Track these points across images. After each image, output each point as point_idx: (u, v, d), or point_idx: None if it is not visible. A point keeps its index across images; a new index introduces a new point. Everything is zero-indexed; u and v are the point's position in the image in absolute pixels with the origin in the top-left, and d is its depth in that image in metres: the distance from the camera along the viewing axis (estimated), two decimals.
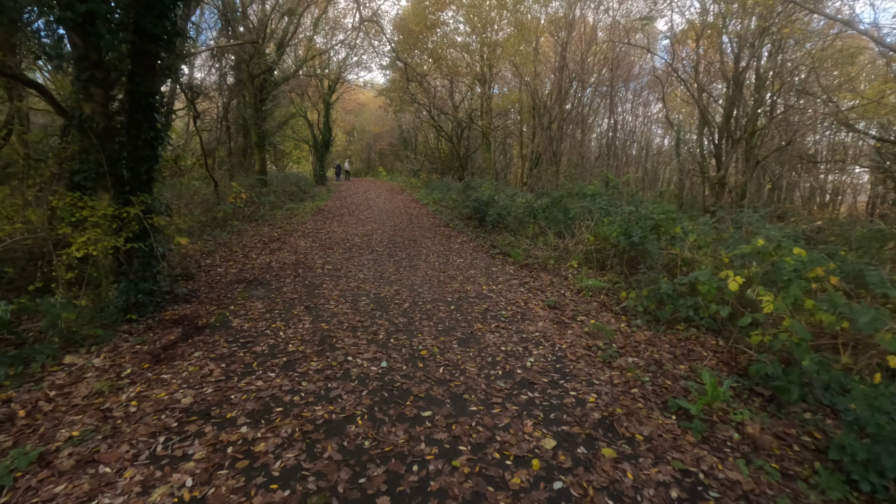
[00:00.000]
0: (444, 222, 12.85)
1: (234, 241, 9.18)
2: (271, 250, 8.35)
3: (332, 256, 8.02)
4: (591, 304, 5.80)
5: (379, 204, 17.66)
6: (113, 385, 3.44)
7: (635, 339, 4.73)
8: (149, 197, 4.91)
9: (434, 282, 6.59)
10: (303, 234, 10.09)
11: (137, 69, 4.76)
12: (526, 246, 9.37)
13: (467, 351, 4.25)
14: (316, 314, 5.10)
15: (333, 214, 14.00)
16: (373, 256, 8.12)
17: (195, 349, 4.12)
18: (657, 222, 6.90)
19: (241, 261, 7.54)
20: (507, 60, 23.35)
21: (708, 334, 4.94)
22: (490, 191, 15.47)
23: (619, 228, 7.39)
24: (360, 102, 41.54)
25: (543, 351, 4.31)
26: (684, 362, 4.24)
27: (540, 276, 7.19)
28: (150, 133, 4.87)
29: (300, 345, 4.27)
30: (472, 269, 7.48)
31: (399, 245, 9.25)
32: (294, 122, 28.87)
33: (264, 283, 6.30)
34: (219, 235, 9.61)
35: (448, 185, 22.21)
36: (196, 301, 5.52)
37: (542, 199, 11.31)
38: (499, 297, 5.97)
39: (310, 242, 9.17)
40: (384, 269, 7.19)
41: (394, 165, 43.81)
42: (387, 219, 13.26)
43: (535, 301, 5.85)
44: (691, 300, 5.06)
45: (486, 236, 10.52)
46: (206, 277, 6.57)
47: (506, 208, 11.51)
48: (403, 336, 4.54)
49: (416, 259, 8.02)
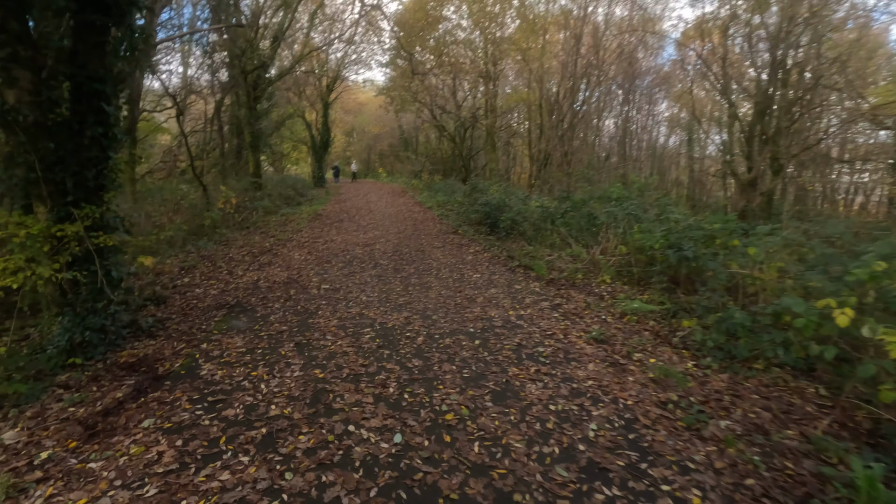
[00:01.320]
0: (452, 228, 11.83)
1: (220, 253, 8.16)
2: (260, 265, 7.33)
3: (329, 272, 6.99)
4: (642, 335, 4.78)
5: (380, 208, 16.65)
6: (15, 484, 2.41)
7: (713, 387, 3.71)
8: (97, 209, 3.88)
9: (450, 305, 5.56)
10: (297, 245, 9.07)
11: (80, 47, 3.74)
12: (548, 257, 8.36)
13: (506, 412, 3.23)
14: (309, 355, 4.07)
15: (332, 220, 12.98)
16: (377, 272, 7.09)
17: (146, 414, 3.10)
18: (711, 233, 5.88)
19: (224, 279, 6.51)
20: (513, 56, 22.37)
21: (798, 375, 3.93)
22: (499, 194, 14.45)
23: (662, 239, 6.38)
24: (360, 102, 40.58)
25: (606, 411, 3.29)
26: (790, 424, 3.22)
27: (571, 296, 6.17)
28: (98, 129, 3.85)
29: (286, 405, 3.24)
30: (492, 286, 6.45)
31: (406, 257, 8.22)
32: (292, 123, 27.87)
33: (248, 308, 5.28)
34: (204, 246, 8.59)
35: (452, 187, 21.20)
36: (163, 335, 4.50)
37: (562, 203, 10.28)
38: (531, 325, 4.95)
39: (305, 255, 8.15)
40: (390, 289, 6.17)
41: (394, 167, 42.81)
42: (390, 225, 12.24)
43: (575, 331, 4.82)
44: (778, 335, 4.03)
45: (500, 245, 9.50)
46: (180, 301, 5.54)
47: (521, 213, 10.50)
48: (420, 389, 3.52)
49: (426, 274, 7.00)
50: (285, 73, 18.41)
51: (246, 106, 15.75)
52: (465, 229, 11.48)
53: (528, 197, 14.30)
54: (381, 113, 38.16)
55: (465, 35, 22.90)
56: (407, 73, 25.24)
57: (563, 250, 8.99)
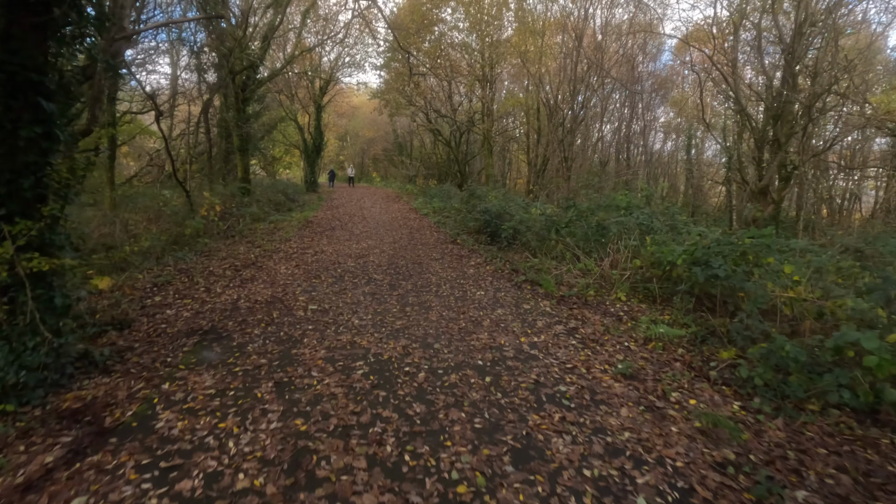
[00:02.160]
0: (451, 237, 11.22)
1: (200, 266, 7.48)
2: (242, 280, 6.66)
3: (318, 289, 6.34)
4: (674, 368, 4.19)
5: (374, 214, 16.01)
6: None
7: (771, 439, 3.12)
8: (34, 225, 3.23)
9: (454, 330, 4.93)
10: (285, 256, 8.40)
11: (13, 29, 3.10)
12: (555, 271, 7.77)
13: (531, 480, 2.61)
14: (290, 398, 3.42)
15: (323, 228, 12.32)
16: (370, 288, 6.45)
17: (78, 489, 2.44)
18: (743, 249, 5.32)
19: (201, 297, 5.84)
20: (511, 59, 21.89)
21: (862, 420, 3.36)
22: (499, 200, 13.90)
23: (685, 255, 5.82)
24: (354, 105, 39.98)
25: (653, 477, 2.67)
26: (876, 493, 2.63)
27: (586, 317, 5.57)
28: (35, 129, 3.20)
29: (258, 472, 2.60)
30: (499, 305, 5.84)
31: (402, 270, 7.60)
32: (284, 127, 27.16)
33: (224, 335, 4.62)
34: (183, 258, 7.91)
35: (448, 193, 20.62)
36: (120, 370, 3.83)
37: (566, 211, 9.70)
38: (547, 356, 4.34)
39: (292, 268, 7.49)
40: (386, 310, 5.53)
41: (388, 171, 42.19)
42: (384, 233, 11.61)
43: (598, 363, 4.22)
44: (843, 375, 3.45)
45: (502, 256, 8.91)
46: (147, 325, 4.87)
47: (523, 222, 9.91)
48: (424, 447, 2.88)
49: (424, 291, 6.37)
50: (276, 74, 17.77)
51: (234, 108, 15.08)
52: (465, 238, 10.88)
53: (528, 204, 13.75)
54: (375, 116, 37.60)
55: (462, 38, 22.40)
56: (402, 75, 24.73)
57: (571, 263, 8.42)
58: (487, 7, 20.37)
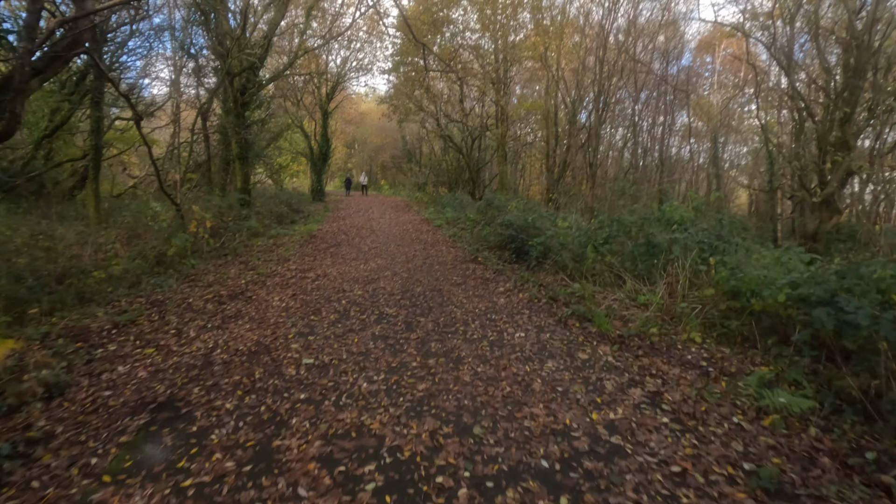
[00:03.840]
0: (470, 254, 9.96)
1: (179, 296, 6.28)
2: (224, 318, 5.43)
3: (317, 331, 5.08)
4: (823, 466, 2.86)
5: (383, 226, 14.80)
6: None
7: None
8: None
9: (496, 399, 3.64)
10: (280, 283, 7.18)
11: None
12: (601, 299, 6.47)
13: None
14: None
15: (328, 244, 11.11)
16: (382, 328, 5.18)
17: None
18: (879, 281, 3.97)
19: (167, 345, 4.61)
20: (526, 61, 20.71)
21: None
22: (520, 211, 12.63)
23: (788, 288, 4.49)
24: (362, 112, 39.06)
25: None
26: None
27: (662, 370, 4.25)
28: None
29: None
30: (548, 355, 4.54)
31: (419, 300, 6.33)
32: (290, 134, 26.11)
33: (183, 412, 3.37)
34: (160, 285, 6.72)
35: (461, 202, 19.39)
36: (18, 483, 2.59)
37: (607, 224, 8.37)
38: (636, 448, 3.02)
39: (287, 299, 6.25)
40: (403, 364, 4.26)
41: (396, 178, 41.12)
42: (395, 249, 10.37)
43: (713, 461, 2.89)
44: None
45: (533, 279, 7.63)
46: (86, 393, 3.64)
47: (556, 237, 8.61)
48: None
49: (450, 333, 5.09)
50: (278, 77, 16.71)
51: (233, 113, 14.00)
52: (486, 256, 9.60)
53: (552, 215, 12.46)
54: (384, 123, 36.62)
55: (476, 39, 21.26)
56: (411, 80, 23.65)
57: (616, 287, 7.12)
58: (502, 7, 19.23)
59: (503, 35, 19.87)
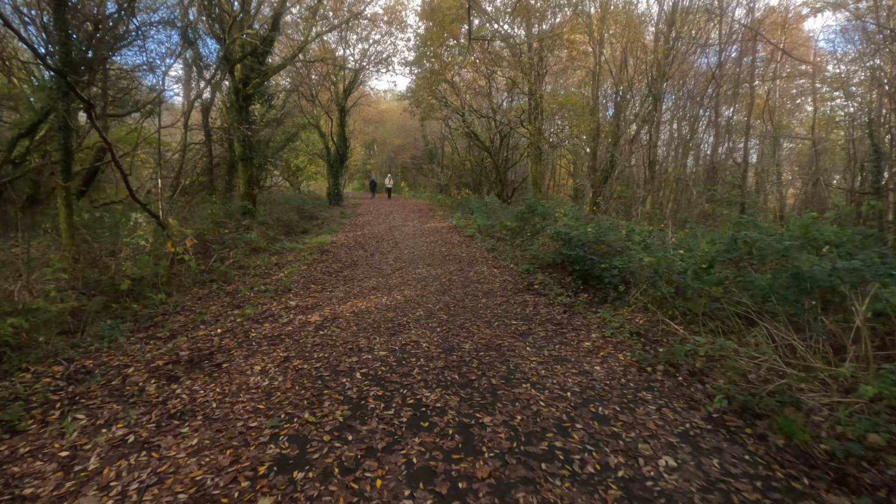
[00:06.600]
0: (522, 279, 7.75)
1: (116, 362, 4.24)
2: (163, 419, 3.34)
3: (309, 456, 2.96)
4: None
5: (407, 236, 12.70)
6: None
7: None
8: None
9: None
10: (270, 333, 5.09)
11: None
12: (743, 361, 4.20)
13: None
14: None
15: (342, 263, 9.05)
16: (421, 449, 3.02)
17: None
18: None
19: (55, 480, 2.55)
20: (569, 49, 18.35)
21: None
22: (573, 220, 10.35)
23: None
24: (382, 110, 37.15)
25: None
26: None
27: None
28: None
29: None
30: None
31: (473, 373, 4.13)
32: (308, 136, 24.22)
33: None
34: (106, 335, 4.72)
35: (491, 206, 17.16)
36: None
37: (726, 244, 6.03)
38: None
39: (273, 371, 4.13)
40: None
41: (416, 180, 39.06)
42: (426, 271, 8.23)
43: None
44: None
45: (619, 320, 5.40)
46: None
47: (652, 264, 6.32)
48: None
49: (543, 462, 2.88)
50: (287, 63, 14.77)
51: (235, 108, 12.10)
52: (544, 282, 7.38)
53: (615, 225, 10.15)
54: (404, 122, 34.67)
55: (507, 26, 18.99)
56: (435, 73, 21.51)
57: (738, 335, 4.83)
58: None
59: (539, 19, 17.61)
